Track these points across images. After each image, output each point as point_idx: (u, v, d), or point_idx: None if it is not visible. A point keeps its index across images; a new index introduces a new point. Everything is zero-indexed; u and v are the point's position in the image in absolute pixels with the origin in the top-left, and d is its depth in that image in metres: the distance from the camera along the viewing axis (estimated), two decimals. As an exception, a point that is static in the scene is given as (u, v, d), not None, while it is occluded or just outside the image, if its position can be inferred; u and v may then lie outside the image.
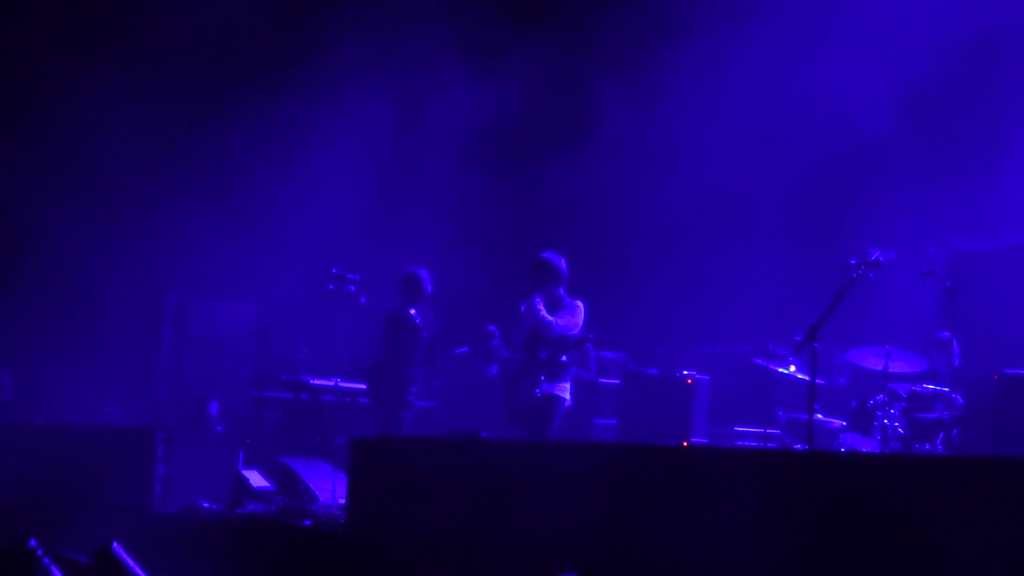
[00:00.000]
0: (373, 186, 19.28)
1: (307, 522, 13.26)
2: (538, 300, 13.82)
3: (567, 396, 13.83)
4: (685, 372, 16.06)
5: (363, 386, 15.61)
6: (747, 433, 16.03)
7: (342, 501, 13.37)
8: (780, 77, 17.27)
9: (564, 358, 13.78)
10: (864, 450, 13.71)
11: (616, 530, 9.99)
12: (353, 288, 15.37)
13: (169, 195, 19.32)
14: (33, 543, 6.23)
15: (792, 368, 15.36)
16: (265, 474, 14.94)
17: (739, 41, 17.43)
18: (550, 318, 13.72)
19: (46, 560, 6.20)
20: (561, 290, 13.98)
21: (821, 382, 13.99)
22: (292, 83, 19.83)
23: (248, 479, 14.65)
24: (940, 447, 13.80)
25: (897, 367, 14.59)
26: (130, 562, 5.92)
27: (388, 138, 19.39)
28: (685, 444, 14.74)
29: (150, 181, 19.42)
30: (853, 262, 12.42)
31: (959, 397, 14.02)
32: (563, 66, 18.76)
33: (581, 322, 13.87)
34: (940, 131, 17.01)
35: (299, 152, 19.69)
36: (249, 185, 19.50)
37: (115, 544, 5.78)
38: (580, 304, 13.93)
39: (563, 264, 14.03)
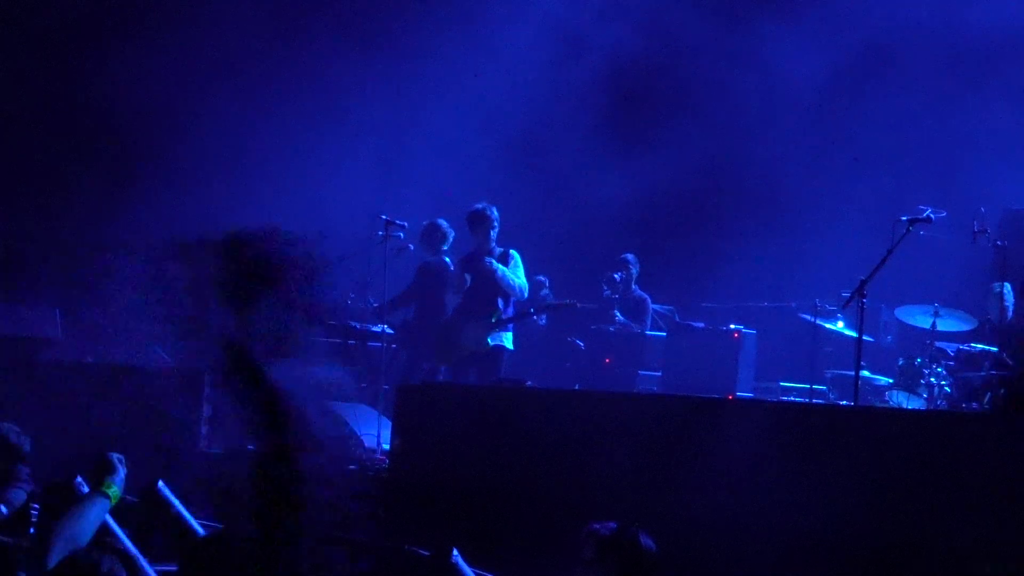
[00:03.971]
0: (431, 131, 19.27)
1: (352, 466, 13.33)
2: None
3: None
4: (732, 326, 16.04)
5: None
6: (793, 388, 15.99)
7: (386, 446, 13.42)
8: (844, 29, 17.20)
9: None
10: (910, 408, 13.66)
11: (658, 482, 10.01)
12: (402, 235, 15.40)
13: (220, 137, 19.32)
14: (79, 480, 6.28)
15: (840, 324, 15.31)
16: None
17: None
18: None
19: (91, 497, 6.23)
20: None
21: (868, 339, 13.93)
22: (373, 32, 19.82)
23: (294, 422, 14.70)
24: (987, 407, 13.72)
25: (945, 325, 14.51)
26: (175, 501, 5.95)
27: (455, 81, 19.35)
28: (731, 398, 14.72)
29: (200, 121, 19.42)
30: (904, 219, 12.36)
31: (1008, 356, 13.93)
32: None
33: None
34: (998, 90, 16.86)
35: (361, 92, 19.66)
36: (302, 127, 19.49)
37: (160, 483, 5.81)
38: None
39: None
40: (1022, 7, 16.51)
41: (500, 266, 14.56)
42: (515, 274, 14.70)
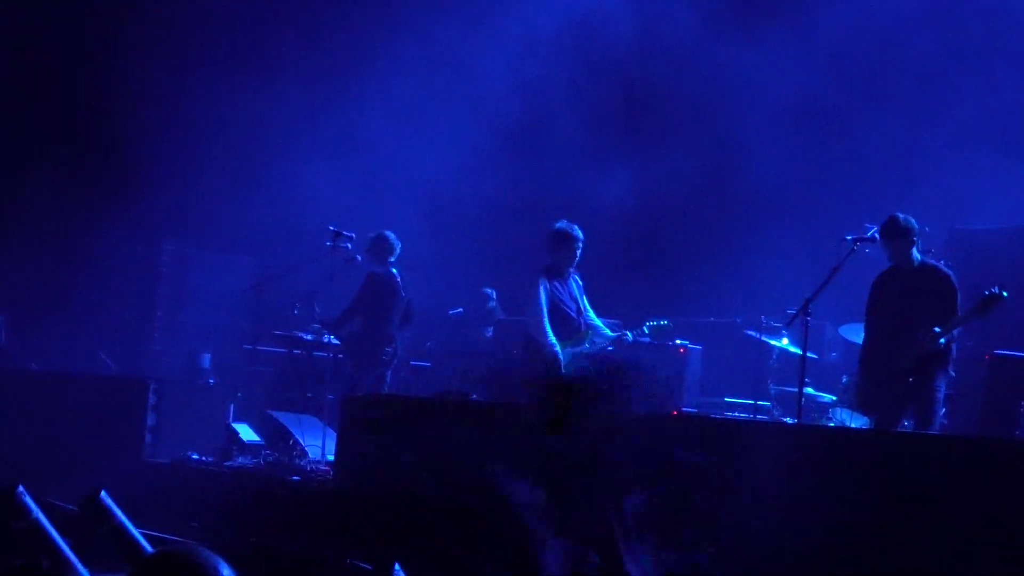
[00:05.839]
0: (378, 145, 19.28)
1: (295, 477, 13.30)
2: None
3: None
4: (678, 341, 16.09)
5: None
6: (738, 404, 16.06)
7: (331, 457, 13.42)
8: (802, 55, 17.33)
9: None
10: (853, 426, 13.73)
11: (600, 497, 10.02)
12: (350, 245, 15.43)
13: (172, 145, 19.28)
14: (20, 488, 6.24)
15: (784, 341, 15.38)
16: (255, 428, 14.98)
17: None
18: None
19: (32, 506, 6.21)
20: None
21: (813, 356, 14.02)
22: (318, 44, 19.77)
23: (238, 432, 14.70)
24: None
25: (889, 344, 14.59)
26: (117, 511, 5.93)
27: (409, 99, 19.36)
28: (675, 413, 14.77)
29: (153, 129, 19.37)
30: (849, 237, 12.44)
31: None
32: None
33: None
34: (941, 109, 17.01)
35: (308, 108, 19.66)
36: (253, 139, 19.47)
37: (102, 493, 5.79)
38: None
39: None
40: (968, 39, 16.68)
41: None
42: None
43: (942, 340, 11.93)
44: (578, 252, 14.21)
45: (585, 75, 18.86)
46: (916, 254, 12.27)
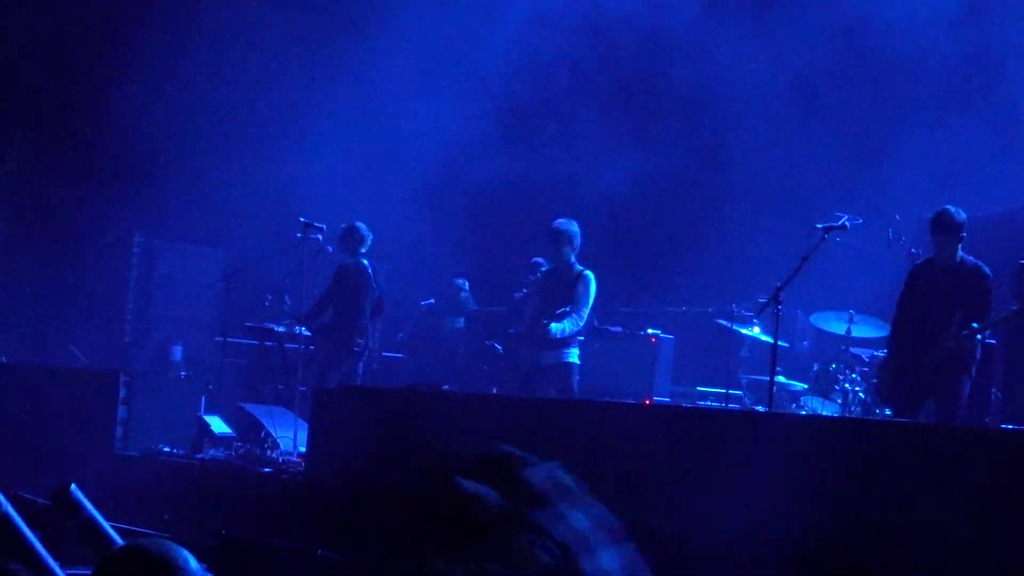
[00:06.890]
0: (352, 137, 19.21)
1: (267, 469, 13.29)
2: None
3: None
4: (649, 330, 16.10)
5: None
6: (709, 393, 16.08)
7: (303, 449, 13.40)
8: (781, 43, 17.33)
9: None
10: (825, 414, 13.77)
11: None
12: (320, 237, 15.40)
13: (142, 135, 19.17)
14: (-4, 488, 6.17)
15: (756, 330, 15.40)
16: (227, 420, 14.96)
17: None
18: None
19: (1, 499, 6.16)
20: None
21: (784, 345, 14.04)
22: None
23: (209, 424, 14.68)
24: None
25: (860, 332, 14.63)
26: (87, 504, 5.88)
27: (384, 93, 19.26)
28: (647, 402, 14.78)
29: (122, 120, 19.26)
30: (820, 226, 12.46)
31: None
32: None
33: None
34: (911, 97, 17.03)
35: (279, 98, 19.58)
36: (224, 129, 19.37)
37: (73, 486, 5.74)
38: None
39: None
40: (950, 36, 16.71)
41: (556, 326, 13.96)
42: (582, 302, 14.19)
43: (978, 337, 11.94)
44: (553, 246, 14.22)
45: (570, 61, 18.78)
46: (960, 250, 12.18)
